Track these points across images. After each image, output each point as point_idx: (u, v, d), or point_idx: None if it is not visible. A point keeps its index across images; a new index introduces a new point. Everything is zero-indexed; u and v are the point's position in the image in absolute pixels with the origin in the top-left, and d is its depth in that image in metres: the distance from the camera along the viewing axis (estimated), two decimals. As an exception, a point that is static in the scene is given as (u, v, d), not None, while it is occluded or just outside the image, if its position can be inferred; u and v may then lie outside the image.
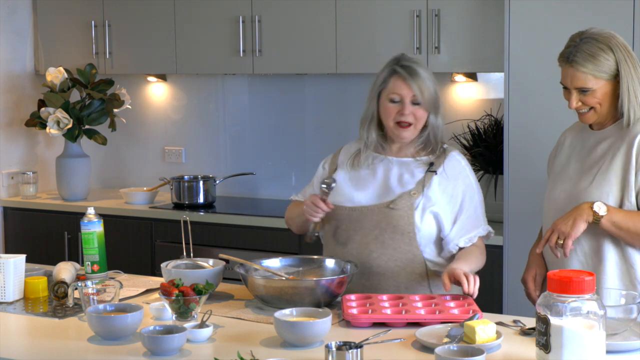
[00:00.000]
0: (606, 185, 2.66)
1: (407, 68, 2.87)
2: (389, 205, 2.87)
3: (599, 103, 2.67)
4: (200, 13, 4.77)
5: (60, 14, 5.19)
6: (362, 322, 2.52)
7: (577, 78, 2.66)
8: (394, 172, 2.94)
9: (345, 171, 3.01)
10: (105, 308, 2.53)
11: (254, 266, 2.83)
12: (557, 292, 2.12)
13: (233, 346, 2.33)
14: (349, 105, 4.80)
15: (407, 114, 2.87)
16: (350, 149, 3.07)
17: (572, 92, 2.68)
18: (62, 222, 4.91)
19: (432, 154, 2.95)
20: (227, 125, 5.17)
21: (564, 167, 2.84)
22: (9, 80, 5.16)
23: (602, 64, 2.64)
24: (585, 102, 2.68)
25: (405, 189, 2.89)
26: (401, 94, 2.87)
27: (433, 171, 2.90)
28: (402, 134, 2.90)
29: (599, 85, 2.65)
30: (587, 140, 2.80)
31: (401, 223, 2.85)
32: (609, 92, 2.67)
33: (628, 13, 3.58)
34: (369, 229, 2.88)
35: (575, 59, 2.65)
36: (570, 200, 2.72)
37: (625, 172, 2.65)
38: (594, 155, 2.74)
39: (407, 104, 2.87)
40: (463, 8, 4.16)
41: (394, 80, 2.89)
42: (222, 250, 4.19)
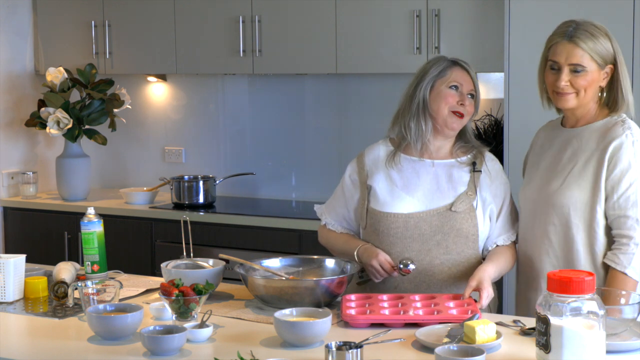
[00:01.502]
0: (576, 189, 2.65)
1: (465, 62, 2.88)
2: (450, 208, 2.80)
3: (585, 88, 2.65)
4: (200, 13, 4.77)
5: (60, 14, 5.19)
6: (359, 323, 2.52)
7: (575, 54, 2.65)
8: (441, 174, 2.87)
9: (385, 175, 2.90)
10: (105, 308, 2.52)
11: (254, 266, 2.82)
12: (557, 292, 2.12)
13: (233, 346, 2.33)
14: (349, 105, 4.81)
15: (467, 105, 2.84)
16: (379, 151, 2.96)
17: (563, 69, 2.66)
18: (62, 222, 4.91)
19: (469, 154, 2.91)
20: (227, 125, 5.17)
21: (535, 166, 2.83)
22: (9, 80, 5.16)
23: (600, 47, 2.65)
24: (573, 84, 2.66)
25: (459, 191, 2.84)
26: (462, 83, 2.84)
27: (478, 170, 2.87)
28: (455, 123, 2.84)
29: (592, 69, 2.65)
30: (557, 137, 2.79)
31: (465, 226, 2.79)
32: (596, 80, 2.67)
33: (628, 13, 3.58)
34: (429, 235, 2.80)
35: (577, 35, 2.65)
36: (541, 200, 2.72)
37: (597, 178, 2.63)
38: (564, 155, 2.73)
39: (465, 94, 2.85)
40: (463, 8, 4.17)
41: (456, 70, 2.86)
42: (222, 250, 4.19)
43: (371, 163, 2.95)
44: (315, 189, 4.90)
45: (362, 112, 4.76)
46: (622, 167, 2.61)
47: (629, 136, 2.63)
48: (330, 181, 4.76)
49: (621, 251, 2.60)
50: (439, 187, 2.85)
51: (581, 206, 2.65)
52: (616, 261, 2.60)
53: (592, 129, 2.70)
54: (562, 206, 2.67)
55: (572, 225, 2.66)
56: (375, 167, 2.93)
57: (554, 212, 2.69)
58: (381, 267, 2.78)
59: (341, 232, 3.00)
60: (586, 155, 2.67)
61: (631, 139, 2.63)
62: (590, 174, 2.65)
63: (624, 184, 2.60)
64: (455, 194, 2.83)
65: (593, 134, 2.69)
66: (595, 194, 2.63)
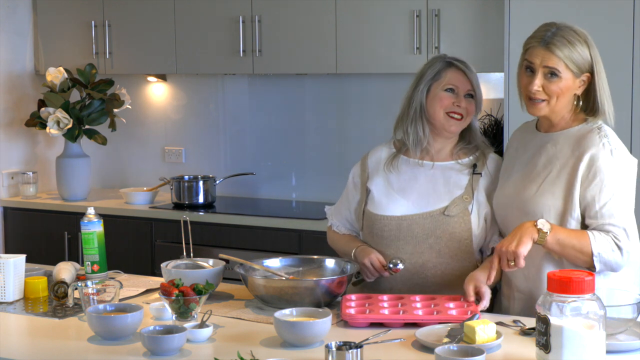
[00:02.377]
0: (550, 197, 2.60)
1: (461, 62, 2.85)
2: (444, 211, 2.79)
3: (558, 95, 2.60)
4: (200, 13, 4.77)
5: (60, 14, 5.19)
6: (359, 323, 2.52)
7: (550, 59, 2.59)
8: (439, 177, 2.86)
9: (383, 177, 2.91)
10: (105, 308, 2.52)
11: (254, 266, 2.82)
12: (557, 292, 2.12)
13: (233, 346, 2.33)
14: (349, 105, 4.81)
15: (462, 106, 2.82)
16: (381, 153, 2.97)
17: (537, 73, 2.60)
18: (62, 222, 4.91)
19: (471, 156, 2.89)
20: (227, 125, 5.17)
21: (508, 170, 2.78)
22: (9, 80, 5.16)
23: (577, 55, 2.59)
24: (546, 89, 2.60)
25: (455, 194, 2.82)
26: (458, 85, 2.82)
27: (478, 173, 2.85)
28: (453, 126, 2.83)
29: (566, 76, 2.60)
30: (530, 141, 2.75)
31: (458, 230, 2.78)
32: (570, 88, 2.61)
33: (628, 13, 3.58)
34: (422, 238, 2.79)
35: (553, 42, 2.59)
36: (515, 206, 2.67)
37: (571, 186, 2.58)
38: (538, 161, 2.68)
39: (462, 96, 2.83)
40: (463, 8, 4.17)
41: (451, 72, 2.83)
42: (222, 250, 4.18)
43: (373, 165, 2.95)
44: (315, 189, 4.90)
45: (362, 112, 4.76)
46: (602, 176, 2.55)
47: (606, 145, 2.58)
48: (330, 181, 4.79)
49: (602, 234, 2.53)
50: (435, 190, 2.84)
51: (554, 214, 2.59)
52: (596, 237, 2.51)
53: (568, 135, 2.65)
54: (535, 214, 2.61)
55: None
56: (375, 170, 2.94)
57: (526, 220, 2.61)
58: (372, 265, 2.80)
59: (344, 234, 3.01)
60: (561, 162, 2.62)
61: (609, 147, 2.58)
62: (564, 181, 2.59)
63: (605, 194, 2.54)
64: (450, 197, 2.82)
65: (568, 140, 2.64)
66: (568, 202, 2.58)
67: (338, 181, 3.05)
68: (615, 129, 2.67)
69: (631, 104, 3.61)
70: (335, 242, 3.04)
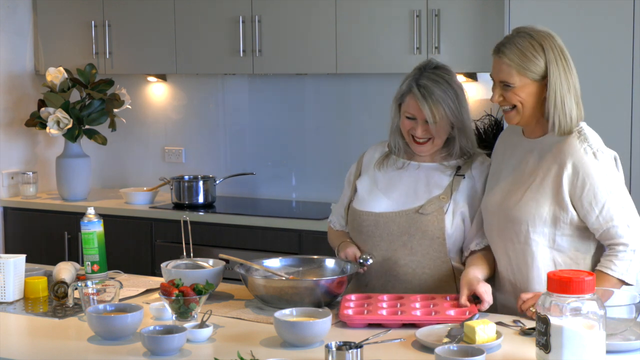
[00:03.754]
0: (534, 205, 2.58)
1: (422, 88, 2.78)
2: (418, 210, 2.81)
3: (521, 102, 2.58)
4: (200, 13, 4.77)
5: (60, 14, 5.19)
6: (356, 324, 2.52)
7: (502, 70, 2.58)
8: (421, 177, 2.87)
9: (370, 175, 2.94)
10: (105, 308, 2.52)
11: (254, 266, 2.82)
12: (557, 292, 2.12)
13: (233, 346, 2.33)
14: (349, 105, 4.81)
15: (419, 134, 2.81)
16: (375, 153, 3.00)
17: (495, 84, 2.61)
18: (62, 222, 4.91)
19: (459, 159, 2.89)
20: (227, 125, 5.17)
21: (496, 175, 2.78)
22: (9, 80, 5.16)
23: (529, 62, 2.56)
24: (506, 98, 2.60)
25: (434, 194, 2.83)
26: (414, 113, 2.81)
27: (461, 175, 2.85)
28: (418, 148, 2.85)
29: (523, 83, 2.57)
30: (517, 146, 2.73)
31: (431, 228, 2.79)
32: (535, 93, 2.59)
33: (628, 13, 3.58)
34: (396, 235, 2.81)
35: (503, 50, 2.58)
36: (501, 215, 2.66)
37: (557, 194, 2.56)
38: (525, 168, 2.66)
39: (420, 123, 2.81)
40: (463, 8, 4.16)
41: (409, 98, 2.82)
42: (222, 250, 4.18)
43: (366, 164, 3.00)
44: (315, 189, 4.90)
45: (362, 112, 4.76)
46: (592, 181, 2.53)
47: (587, 150, 2.56)
48: (330, 181, 4.79)
49: (617, 258, 2.54)
50: (416, 189, 2.86)
51: (540, 222, 2.58)
52: (613, 268, 2.53)
53: (549, 141, 2.63)
54: (520, 223, 2.60)
55: (532, 242, 2.60)
56: (367, 168, 2.98)
57: (512, 229, 2.63)
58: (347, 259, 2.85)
59: (337, 230, 3.05)
60: (543, 170, 2.60)
61: (591, 151, 2.56)
62: (549, 189, 2.58)
63: (601, 197, 2.53)
64: (428, 197, 2.83)
65: (550, 146, 2.62)
66: (558, 211, 2.57)
67: (338, 181, 3.05)
68: (615, 129, 2.66)
69: (631, 104, 3.61)
70: (329, 238, 3.09)
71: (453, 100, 2.81)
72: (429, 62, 2.88)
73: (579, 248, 2.62)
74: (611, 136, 2.85)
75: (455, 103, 2.82)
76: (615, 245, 2.56)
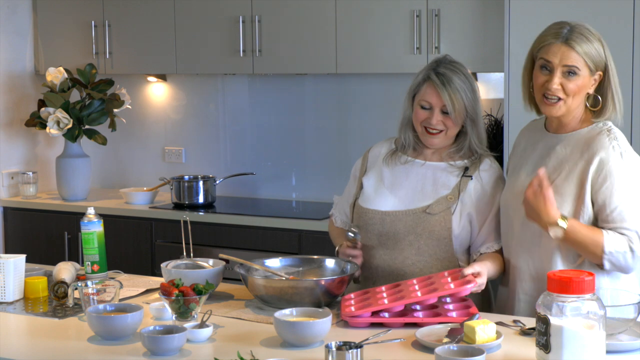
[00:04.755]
0: (558, 200, 2.56)
1: (441, 76, 2.79)
2: (426, 210, 2.80)
3: (575, 93, 2.59)
4: (200, 13, 4.78)
5: (60, 14, 5.19)
6: (359, 322, 2.52)
7: (570, 56, 2.57)
8: (429, 177, 2.87)
9: (376, 172, 2.94)
10: (105, 308, 2.52)
11: (254, 266, 2.82)
12: (557, 292, 2.12)
13: (233, 346, 2.33)
14: (349, 105, 4.81)
15: (434, 123, 2.81)
16: (381, 149, 3.00)
17: (556, 71, 2.58)
18: (62, 222, 4.91)
19: (467, 159, 2.88)
20: (227, 125, 5.17)
21: (517, 171, 2.77)
22: (9, 80, 5.16)
23: (595, 52, 2.58)
24: (565, 87, 2.59)
25: (441, 194, 2.83)
26: (431, 102, 2.81)
27: (469, 176, 2.85)
28: (430, 140, 2.85)
29: (584, 73, 2.59)
30: (539, 142, 2.73)
31: (437, 228, 2.78)
32: (586, 86, 2.61)
33: (628, 13, 3.58)
34: (403, 234, 2.81)
35: (572, 38, 2.57)
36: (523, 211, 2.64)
37: (581, 189, 2.57)
38: (548, 163, 2.66)
39: (436, 112, 2.81)
40: (463, 8, 4.17)
41: (426, 86, 2.82)
42: (222, 250, 4.19)
43: (372, 160, 2.99)
44: (315, 189, 4.90)
45: (362, 112, 4.76)
46: (612, 180, 2.54)
47: (616, 147, 2.57)
48: (330, 181, 4.79)
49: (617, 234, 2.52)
50: (423, 188, 2.86)
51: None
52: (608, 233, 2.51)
53: (577, 137, 2.64)
54: None
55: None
56: (373, 164, 2.97)
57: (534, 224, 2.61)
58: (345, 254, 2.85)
59: (338, 226, 3.07)
60: (570, 165, 2.61)
61: (619, 150, 2.57)
62: (574, 185, 2.58)
63: (616, 197, 2.54)
64: (436, 197, 2.83)
65: (578, 142, 2.63)
66: (579, 205, 2.57)
67: (338, 181, 3.06)
68: (616, 129, 2.67)
69: (631, 104, 3.61)
70: (330, 232, 3.12)
71: (470, 92, 2.83)
72: (445, 57, 2.90)
73: None
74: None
75: (473, 95, 2.84)
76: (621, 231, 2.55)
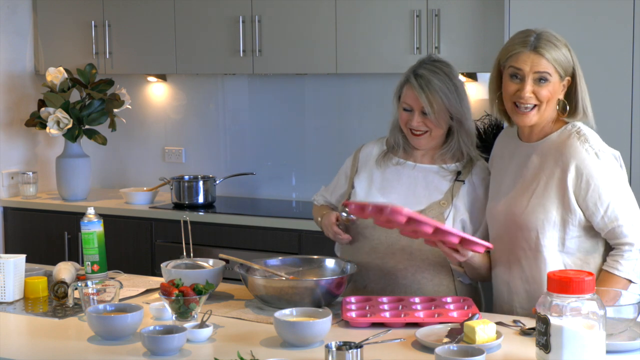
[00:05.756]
0: (541, 211, 2.58)
1: (420, 78, 2.79)
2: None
3: (548, 99, 2.58)
4: (200, 13, 4.78)
5: (60, 14, 5.19)
6: (359, 323, 2.52)
7: (540, 63, 2.57)
8: (420, 180, 2.86)
9: (367, 174, 2.94)
10: (105, 308, 2.52)
11: (254, 266, 2.82)
12: (557, 292, 2.12)
13: (233, 346, 2.33)
14: (349, 105, 4.81)
15: (415, 124, 2.81)
16: (372, 150, 2.99)
17: (527, 79, 2.57)
18: (62, 222, 4.91)
19: (459, 162, 2.88)
20: (227, 125, 5.17)
21: (497, 182, 2.77)
22: (9, 80, 5.16)
23: (562, 57, 2.59)
24: (537, 94, 2.58)
25: (434, 198, 2.82)
26: (411, 104, 2.81)
27: (461, 180, 2.84)
28: (416, 141, 2.85)
29: (554, 80, 2.59)
30: (515, 151, 2.73)
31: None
32: (557, 92, 2.61)
33: (628, 13, 3.58)
34: (395, 239, 2.80)
35: (540, 45, 2.57)
36: (509, 223, 2.66)
37: (563, 197, 2.57)
38: (526, 173, 2.66)
39: (416, 114, 2.80)
40: (463, 8, 4.16)
41: (406, 89, 2.83)
42: (222, 250, 4.19)
43: (363, 160, 2.99)
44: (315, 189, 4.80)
45: (362, 112, 4.76)
46: (596, 182, 2.54)
47: (589, 150, 2.57)
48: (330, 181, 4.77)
49: (623, 257, 2.55)
50: (415, 192, 2.85)
51: (549, 227, 2.58)
52: (619, 268, 2.54)
53: (549, 143, 2.64)
54: (529, 230, 2.60)
55: (543, 249, 2.60)
56: (364, 165, 2.97)
57: (522, 237, 2.62)
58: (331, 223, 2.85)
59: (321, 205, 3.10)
60: (546, 174, 2.61)
61: (592, 151, 2.57)
62: (554, 193, 2.58)
63: (605, 197, 2.54)
64: (429, 201, 2.83)
65: (549, 149, 2.62)
66: (566, 213, 2.57)
67: (338, 181, 3.06)
68: (615, 129, 2.67)
69: (631, 104, 3.61)
70: (313, 213, 3.11)
71: (452, 92, 2.80)
72: (428, 56, 2.89)
73: (587, 249, 2.62)
74: (611, 136, 2.85)
75: (454, 95, 2.81)
76: (620, 245, 2.57)
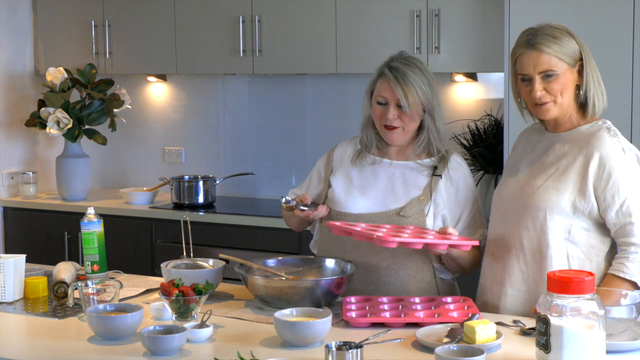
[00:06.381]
0: (554, 193, 2.59)
1: (395, 70, 2.79)
2: (399, 212, 2.80)
3: (561, 91, 2.59)
4: (200, 13, 4.78)
5: (60, 14, 5.19)
6: (359, 323, 2.52)
7: (542, 61, 2.58)
8: (398, 177, 2.87)
9: (344, 173, 2.94)
10: (105, 308, 2.52)
11: (254, 266, 2.82)
12: (557, 292, 2.12)
13: (233, 346, 2.33)
14: (349, 105, 4.80)
15: (390, 118, 2.81)
16: (346, 149, 3.00)
17: (535, 79, 2.59)
18: (62, 222, 4.91)
19: (433, 157, 2.88)
20: (227, 125, 5.17)
21: (514, 168, 2.77)
22: (9, 80, 5.16)
23: (565, 46, 2.58)
24: (549, 90, 2.59)
25: (413, 195, 2.83)
26: (386, 96, 2.81)
27: (438, 175, 2.85)
28: (389, 136, 2.85)
29: (563, 70, 2.58)
30: (539, 142, 2.73)
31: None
32: (571, 81, 2.61)
33: (628, 13, 3.58)
34: None
35: (538, 42, 2.58)
36: (517, 202, 2.66)
37: (581, 184, 2.57)
38: (545, 159, 2.67)
39: (391, 107, 2.80)
40: (463, 8, 4.17)
41: (380, 82, 2.83)
42: (222, 250, 4.19)
43: (338, 159, 2.99)
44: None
45: (362, 112, 4.76)
46: (617, 175, 2.55)
47: (617, 144, 2.59)
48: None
49: (629, 260, 2.54)
50: (394, 189, 2.85)
51: (558, 211, 2.58)
52: (625, 271, 2.54)
53: (577, 134, 2.65)
54: (538, 209, 2.60)
55: (548, 230, 2.60)
56: (339, 165, 2.97)
57: (529, 215, 2.62)
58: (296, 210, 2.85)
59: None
60: (568, 160, 2.62)
61: (620, 146, 2.59)
62: (572, 178, 2.59)
63: (623, 192, 2.55)
64: (408, 198, 2.83)
65: (577, 138, 2.63)
66: (580, 199, 2.57)
67: (338, 181, 3.05)
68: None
69: (631, 104, 3.61)
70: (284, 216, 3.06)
71: (426, 85, 2.81)
72: (400, 52, 2.89)
73: (593, 244, 2.62)
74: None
75: (428, 88, 2.81)
76: (627, 245, 2.56)
